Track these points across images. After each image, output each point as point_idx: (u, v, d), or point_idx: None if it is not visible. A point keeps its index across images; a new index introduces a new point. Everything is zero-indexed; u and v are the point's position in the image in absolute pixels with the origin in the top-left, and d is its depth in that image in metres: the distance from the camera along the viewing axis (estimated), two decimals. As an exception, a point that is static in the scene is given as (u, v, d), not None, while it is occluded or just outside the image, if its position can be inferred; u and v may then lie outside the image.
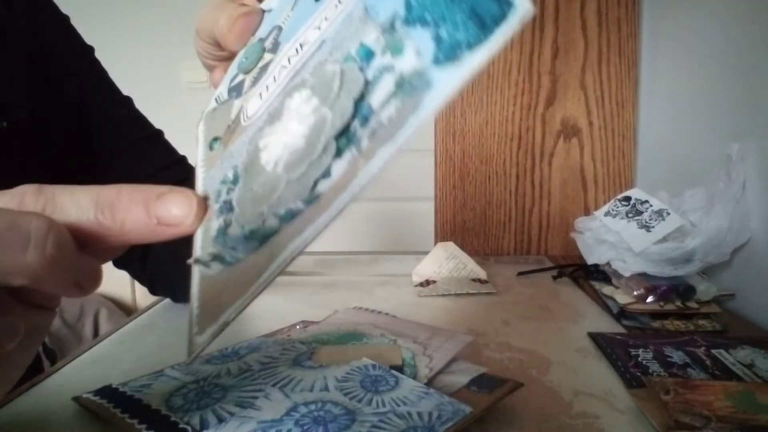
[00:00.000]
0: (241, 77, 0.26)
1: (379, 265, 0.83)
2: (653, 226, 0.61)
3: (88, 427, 0.36)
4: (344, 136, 0.18)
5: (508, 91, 0.93)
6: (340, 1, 0.21)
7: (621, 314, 0.57)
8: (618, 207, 0.67)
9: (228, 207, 0.21)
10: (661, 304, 0.56)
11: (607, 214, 0.68)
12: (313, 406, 0.32)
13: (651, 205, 0.64)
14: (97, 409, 0.36)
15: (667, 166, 0.84)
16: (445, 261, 0.73)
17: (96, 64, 0.60)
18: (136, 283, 0.77)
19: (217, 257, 0.20)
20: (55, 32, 0.56)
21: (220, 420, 0.32)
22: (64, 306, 1.31)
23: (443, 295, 0.66)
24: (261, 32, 0.26)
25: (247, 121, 0.23)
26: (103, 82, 0.60)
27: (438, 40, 0.16)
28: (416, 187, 1.02)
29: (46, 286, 0.19)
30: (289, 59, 0.23)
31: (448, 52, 0.16)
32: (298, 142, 0.19)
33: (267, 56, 0.24)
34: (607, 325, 0.55)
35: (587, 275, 0.70)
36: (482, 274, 0.72)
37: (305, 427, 0.30)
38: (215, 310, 0.19)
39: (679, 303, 0.56)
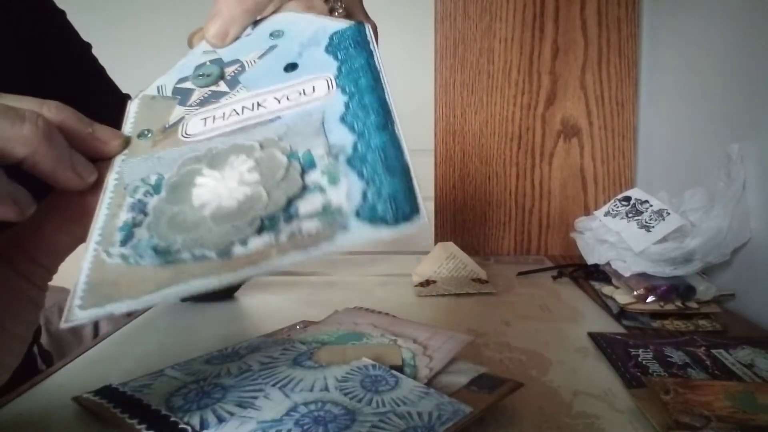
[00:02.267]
0: (190, 86, 0.27)
1: (379, 265, 0.83)
2: (653, 226, 0.61)
3: (88, 427, 0.36)
4: (269, 221, 0.20)
5: (508, 91, 0.93)
6: (304, 92, 0.24)
7: (621, 314, 0.57)
8: (618, 207, 0.67)
9: (141, 208, 0.23)
10: (661, 304, 0.56)
11: (607, 214, 0.68)
12: (313, 406, 0.32)
13: (651, 205, 0.64)
14: (97, 409, 0.36)
15: (667, 166, 0.84)
16: (445, 261, 0.73)
17: (94, 60, 0.59)
18: (136, 283, 0.77)
19: (123, 257, 0.22)
20: (52, 28, 0.55)
21: (220, 420, 0.32)
22: (63, 306, 1.31)
23: (443, 295, 0.66)
24: (224, 53, 0.28)
25: (185, 137, 0.25)
26: (101, 79, 0.60)
27: (364, 197, 0.20)
28: (416, 187, 1.02)
29: (46, 160, 0.21)
30: (243, 109, 0.25)
31: (368, 214, 0.20)
32: (231, 202, 0.21)
33: (222, 85, 0.26)
34: (607, 325, 0.55)
35: (587, 275, 0.70)
36: (482, 274, 0.72)
37: (305, 427, 0.30)
38: (103, 295, 0.20)
39: (679, 303, 0.56)
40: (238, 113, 0.25)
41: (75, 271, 0.25)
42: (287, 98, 0.24)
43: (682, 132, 0.79)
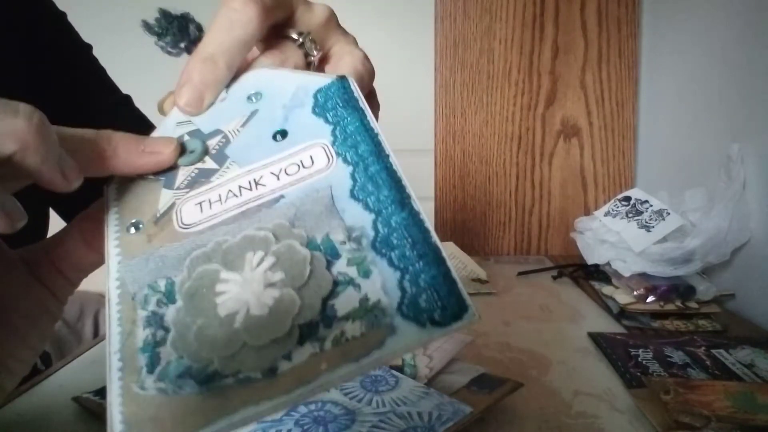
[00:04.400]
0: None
1: (379, 265, 0.83)
2: (653, 226, 0.61)
3: (88, 427, 0.36)
4: (308, 328, 0.18)
5: (508, 91, 0.93)
6: (303, 165, 0.22)
7: (621, 314, 0.57)
8: (618, 207, 0.67)
9: (158, 322, 0.20)
10: (661, 304, 0.56)
11: (607, 214, 0.68)
12: (313, 406, 0.32)
13: (651, 205, 0.64)
14: (97, 409, 0.36)
15: (667, 166, 0.84)
16: (445, 261, 0.73)
17: (94, 62, 0.59)
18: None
19: (160, 391, 0.19)
20: (53, 31, 0.56)
21: (220, 420, 0.32)
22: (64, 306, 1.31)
23: (443, 295, 0.66)
24: (200, 123, 0.25)
25: (183, 229, 0.22)
26: (102, 81, 0.60)
27: (402, 289, 0.18)
28: (416, 187, 1.02)
29: (33, 157, 0.21)
30: (240, 189, 0.23)
31: (412, 311, 0.18)
32: (262, 310, 0.19)
33: (209, 161, 0.24)
34: (607, 325, 0.54)
35: (587, 275, 0.70)
36: (482, 274, 0.72)
37: (305, 427, 0.30)
38: (135, 424, 0.18)
39: (679, 303, 0.56)
40: (236, 195, 0.22)
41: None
42: (286, 173, 0.22)
43: (682, 132, 0.79)
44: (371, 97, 0.31)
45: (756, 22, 0.60)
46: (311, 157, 0.23)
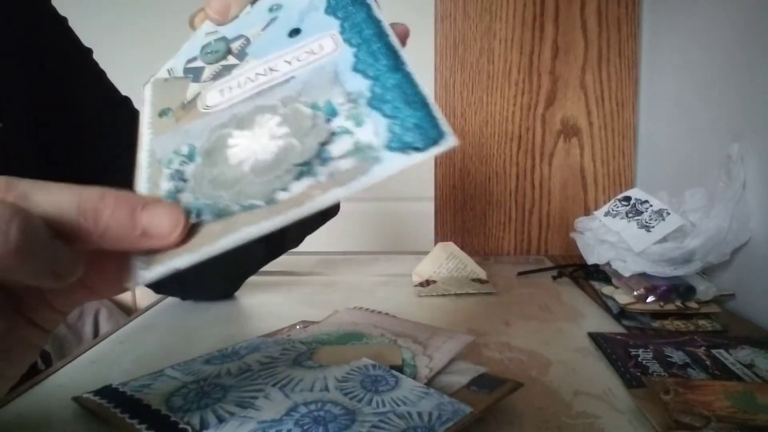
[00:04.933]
0: (200, 64, 0.28)
1: (379, 265, 0.83)
2: (653, 226, 0.61)
3: (88, 427, 0.36)
4: (305, 166, 0.22)
5: (508, 91, 0.93)
6: (313, 52, 0.26)
7: (621, 314, 0.57)
8: (618, 207, 0.67)
9: (180, 176, 0.24)
10: (661, 304, 0.56)
11: (607, 214, 0.68)
12: (313, 406, 0.32)
13: (651, 205, 0.64)
14: (97, 409, 0.36)
15: (667, 166, 0.84)
16: (445, 261, 0.73)
17: (95, 65, 0.60)
18: (136, 283, 0.77)
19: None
20: (53, 34, 0.56)
21: (220, 420, 0.32)
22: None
23: (443, 295, 0.66)
24: (227, 32, 0.29)
25: (206, 110, 0.26)
26: (102, 84, 0.60)
27: (392, 131, 0.22)
28: (416, 187, 1.02)
29: (18, 276, 0.18)
30: (256, 75, 0.26)
31: (398, 145, 0.21)
32: (267, 156, 0.23)
33: (231, 59, 0.27)
34: (607, 325, 0.55)
35: (587, 275, 0.70)
36: (482, 274, 0.72)
37: (305, 427, 0.30)
38: (163, 255, 0.21)
39: (679, 303, 0.56)
40: (252, 80, 0.26)
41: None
42: (297, 59, 0.26)
43: (682, 132, 0.79)
44: None
45: (756, 22, 0.60)
46: (321, 45, 0.26)
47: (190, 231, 0.22)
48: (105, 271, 0.23)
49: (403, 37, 0.28)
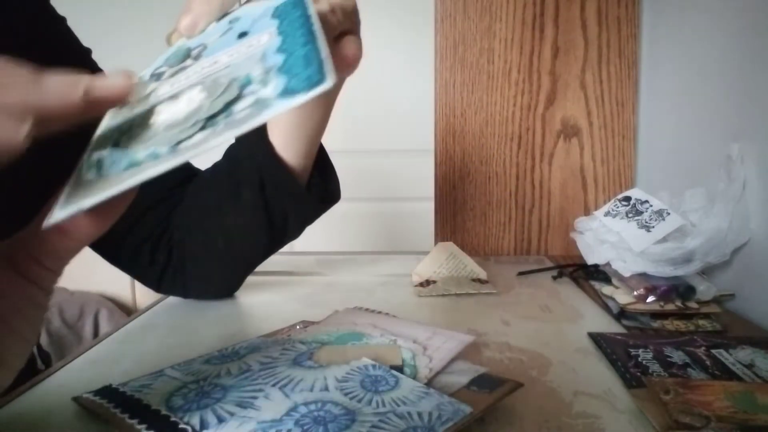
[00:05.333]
0: (163, 69, 0.32)
1: (379, 265, 0.83)
2: (653, 226, 0.61)
3: (88, 427, 0.36)
4: (210, 120, 0.24)
5: (508, 91, 0.93)
6: (251, 45, 0.29)
7: (621, 314, 0.57)
8: (618, 207, 0.67)
9: (113, 143, 0.27)
10: (661, 304, 0.56)
11: (607, 214, 0.68)
12: (313, 406, 0.32)
13: (651, 205, 0.64)
14: (97, 409, 0.36)
15: (667, 166, 0.84)
16: (445, 261, 0.73)
17: (94, 66, 0.60)
18: (137, 283, 0.77)
19: (98, 163, 0.26)
20: (52, 34, 0.56)
21: (220, 420, 0.32)
22: (63, 306, 1.31)
23: (443, 295, 0.66)
24: (191, 43, 0.33)
25: (155, 99, 0.29)
26: None
27: (286, 86, 0.24)
28: (416, 187, 1.02)
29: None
30: (202, 68, 0.29)
31: (286, 93, 0.24)
32: (180, 115, 0.26)
33: (189, 61, 0.31)
34: (607, 325, 0.55)
35: (587, 275, 0.70)
36: (482, 274, 0.72)
37: (305, 427, 0.30)
38: (77, 199, 0.24)
39: (679, 303, 0.56)
40: (197, 72, 0.29)
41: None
42: (237, 52, 0.29)
43: (682, 132, 0.79)
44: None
45: (756, 22, 0.60)
46: (258, 39, 0.29)
47: (103, 179, 0.25)
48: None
49: (352, 60, 0.35)
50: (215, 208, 0.57)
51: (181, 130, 0.25)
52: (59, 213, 0.24)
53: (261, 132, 0.52)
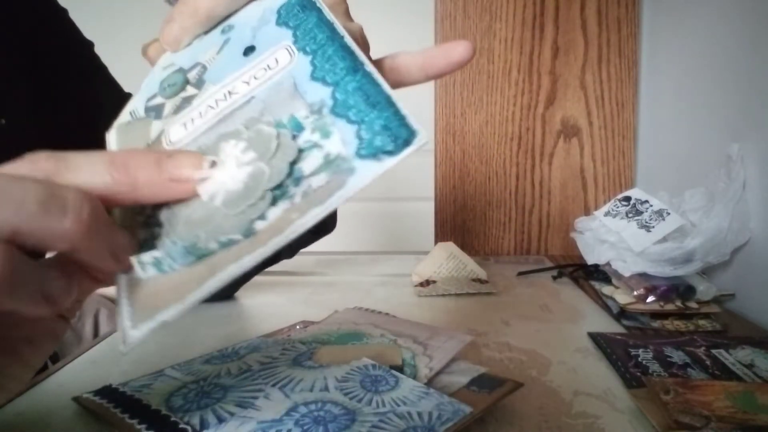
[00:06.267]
0: (160, 100, 0.27)
1: (379, 265, 0.83)
2: (653, 226, 0.61)
3: (88, 427, 0.36)
4: (279, 190, 0.21)
5: (508, 91, 0.93)
6: (269, 67, 0.24)
7: (621, 314, 0.57)
8: (618, 207, 0.67)
9: (155, 222, 0.23)
10: (661, 304, 0.56)
11: (607, 214, 0.68)
12: (313, 406, 0.32)
13: (651, 205, 0.64)
14: (97, 409, 0.36)
15: (667, 166, 0.84)
16: (445, 261, 0.73)
17: (96, 59, 0.59)
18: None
19: (156, 263, 0.22)
20: (54, 26, 0.55)
21: (220, 420, 0.32)
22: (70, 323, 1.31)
23: (443, 295, 0.66)
24: (182, 62, 0.28)
25: (170, 146, 0.25)
26: (104, 78, 0.59)
27: (360, 138, 0.21)
28: (416, 187, 1.02)
29: (85, 254, 0.20)
30: (216, 102, 0.25)
31: (369, 151, 0.20)
32: (237, 185, 0.21)
33: (190, 89, 0.26)
34: (607, 325, 0.55)
35: (587, 275, 0.70)
36: (482, 274, 0.72)
37: (305, 427, 0.30)
38: (149, 309, 0.21)
39: (679, 303, 0.56)
40: (212, 107, 0.25)
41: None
42: (255, 77, 0.25)
43: (682, 132, 0.79)
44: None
45: (756, 23, 0.60)
46: (276, 59, 0.25)
47: (172, 279, 0.21)
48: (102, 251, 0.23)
49: (359, 36, 0.28)
50: None
51: (248, 206, 0.21)
52: (136, 333, 0.20)
53: None
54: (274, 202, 0.21)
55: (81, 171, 0.21)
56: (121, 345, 0.21)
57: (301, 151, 0.21)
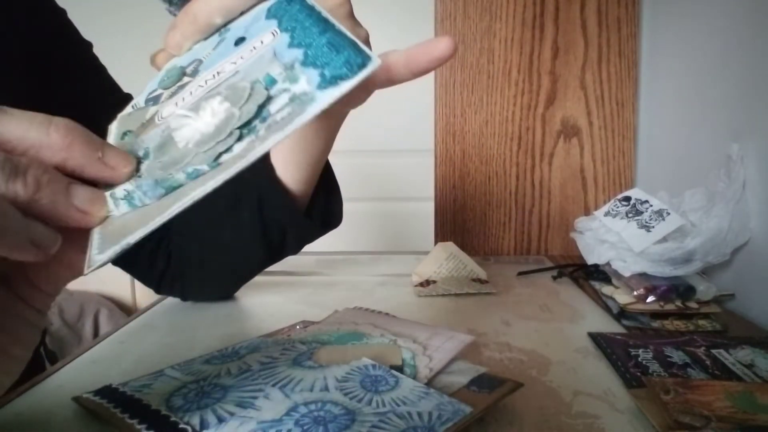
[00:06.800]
0: (159, 92, 0.30)
1: (379, 265, 0.83)
2: (653, 226, 0.61)
3: (88, 427, 0.36)
4: (246, 128, 0.23)
5: (508, 91, 0.93)
6: (255, 48, 0.27)
7: (621, 314, 0.57)
8: (618, 207, 0.67)
9: (133, 174, 0.25)
10: (661, 304, 0.56)
11: (607, 214, 0.68)
12: (313, 406, 0.32)
13: (651, 205, 0.64)
14: (97, 409, 0.36)
15: (667, 166, 0.84)
16: (445, 261, 0.73)
17: (95, 59, 0.59)
18: (137, 283, 0.77)
19: (127, 197, 0.24)
20: (53, 27, 0.55)
21: (220, 420, 0.32)
22: (63, 306, 1.31)
23: (443, 295, 0.66)
24: (183, 62, 0.30)
25: (161, 121, 0.27)
26: (103, 79, 0.59)
27: (323, 76, 0.22)
28: (416, 187, 1.02)
29: (77, 159, 0.22)
30: (206, 81, 0.27)
31: (329, 82, 0.22)
32: (209, 128, 0.24)
33: (186, 79, 0.29)
34: (607, 325, 0.55)
35: (587, 275, 0.70)
36: (482, 274, 0.72)
37: (305, 427, 0.30)
38: (116, 236, 0.22)
39: (679, 303, 0.56)
40: (202, 86, 0.27)
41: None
42: (241, 57, 0.27)
43: (682, 132, 0.79)
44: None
45: (756, 23, 0.60)
46: (261, 41, 0.27)
47: (141, 212, 0.23)
48: (79, 243, 0.24)
49: (364, 41, 0.30)
50: (214, 221, 0.56)
51: (216, 143, 0.23)
52: (100, 257, 0.22)
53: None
54: (240, 138, 0.23)
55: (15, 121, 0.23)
56: (85, 269, 0.22)
57: (269, 97, 0.23)
